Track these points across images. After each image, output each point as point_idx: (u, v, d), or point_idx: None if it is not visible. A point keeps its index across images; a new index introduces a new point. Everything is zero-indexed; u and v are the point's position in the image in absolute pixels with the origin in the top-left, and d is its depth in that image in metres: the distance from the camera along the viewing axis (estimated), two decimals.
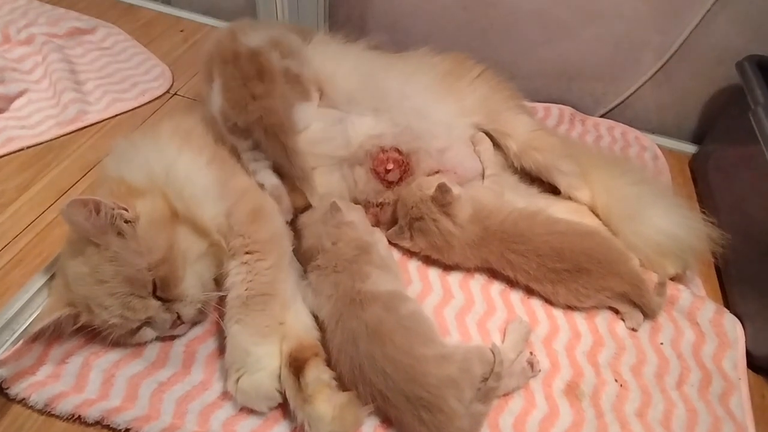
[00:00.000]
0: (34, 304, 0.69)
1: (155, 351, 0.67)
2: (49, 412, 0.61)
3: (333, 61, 0.83)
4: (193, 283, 0.64)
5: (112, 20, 1.27)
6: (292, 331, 0.65)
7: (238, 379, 0.60)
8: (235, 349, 0.62)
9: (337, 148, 0.78)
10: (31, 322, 0.66)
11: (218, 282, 0.68)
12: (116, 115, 1.03)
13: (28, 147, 0.93)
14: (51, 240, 0.79)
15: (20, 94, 1.02)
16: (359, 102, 0.80)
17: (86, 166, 0.91)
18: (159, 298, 0.62)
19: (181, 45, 1.24)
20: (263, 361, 0.61)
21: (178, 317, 0.64)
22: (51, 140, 0.95)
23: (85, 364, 0.65)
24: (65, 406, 0.61)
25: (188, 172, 0.67)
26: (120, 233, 0.60)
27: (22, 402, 0.61)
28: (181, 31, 1.28)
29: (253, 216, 0.68)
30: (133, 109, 1.05)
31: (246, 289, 0.64)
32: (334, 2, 1.22)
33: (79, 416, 0.60)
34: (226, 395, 0.64)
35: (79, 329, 0.63)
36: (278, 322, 0.64)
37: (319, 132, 0.78)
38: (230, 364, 0.62)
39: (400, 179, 0.80)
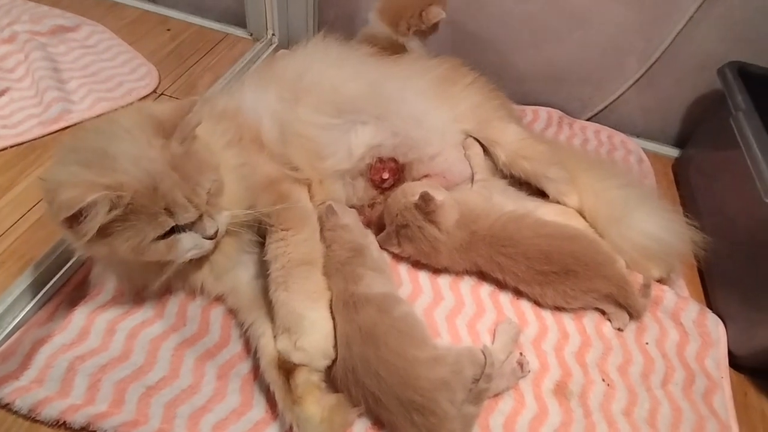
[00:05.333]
0: (16, 308, 0.68)
1: (143, 355, 0.66)
2: (34, 417, 0.59)
3: (335, 66, 0.83)
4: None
5: (96, 18, 1.25)
6: None
7: (296, 341, 0.62)
8: (290, 314, 0.64)
9: (340, 162, 0.79)
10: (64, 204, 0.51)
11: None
12: (101, 115, 1.01)
13: (10, 147, 0.91)
14: (35, 241, 0.77)
15: (2, 93, 1.00)
16: (362, 109, 0.80)
17: None
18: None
19: (168, 44, 1.22)
20: (318, 324, 0.64)
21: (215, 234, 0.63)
22: (33, 140, 0.93)
23: (70, 369, 0.64)
24: (50, 412, 0.59)
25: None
26: None
27: (7, 407, 0.60)
28: (168, 30, 1.26)
29: (280, 201, 0.70)
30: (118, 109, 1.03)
31: (288, 261, 0.66)
32: (323, 3, 1.22)
33: (65, 422, 0.59)
34: (215, 398, 0.63)
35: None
36: (324, 288, 0.67)
37: (327, 147, 0.78)
38: (285, 328, 0.63)
39: (393, 185, 0.82)
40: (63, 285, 0.72)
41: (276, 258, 0.67)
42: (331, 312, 0.65)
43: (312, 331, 0.63)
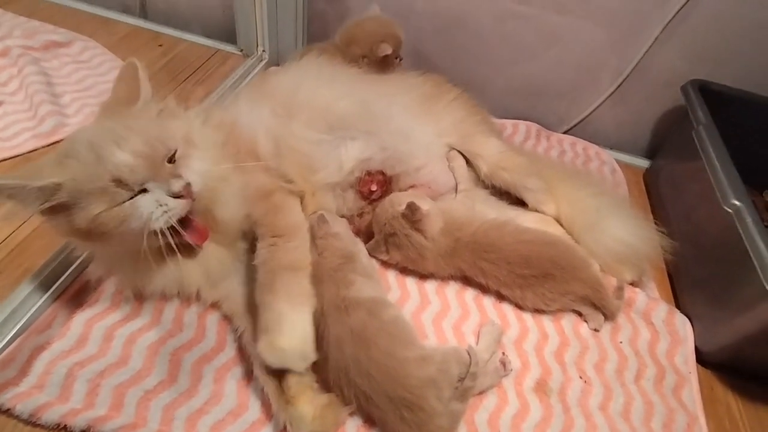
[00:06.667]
0: (15, 318, 0.69)
1: (140, 361, 0.68)
2: (35, 422, 0.61)
3: (327, 85, 0.87)
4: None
5: (88, 33, 1.26)
6: None
7: (272, 341, 0.61)
8: (271, 314, 0.63)
9: (331, 175, 0.82)
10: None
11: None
12: None
13: (5, 159, 0.93)
14: (31, 252, 0.78)
15: None
16: (353, 125, 0.84)
17: None
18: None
19: (160, 59, 1.25)
20: (298, 326, 0.63)
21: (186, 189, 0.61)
22: (29, 152, 0.95)
23: (69, 374, 0.65)
24: (51, 416, 0.61)
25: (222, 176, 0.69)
26: None
27: (7, 412, 0.61)
28: (160, 45, 1.29)
29: (274, 211, 0.72)
30: None
31: (276, 264, 0.67)
32: (312, 20, 1.26)
33: (66, 426, 0.61)
34: (212, 401, 0.65)
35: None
36: (310, 294, 0.67)
37: (319, 161, 0.82)
38: (264, 328, 0.62)
39: (381, 196, 0.85)
40: (61, 293, 0.74)
41: (265, 262, 0.67)
42: (321, 317, 0.67)
43: (291, 332, 0.62)
